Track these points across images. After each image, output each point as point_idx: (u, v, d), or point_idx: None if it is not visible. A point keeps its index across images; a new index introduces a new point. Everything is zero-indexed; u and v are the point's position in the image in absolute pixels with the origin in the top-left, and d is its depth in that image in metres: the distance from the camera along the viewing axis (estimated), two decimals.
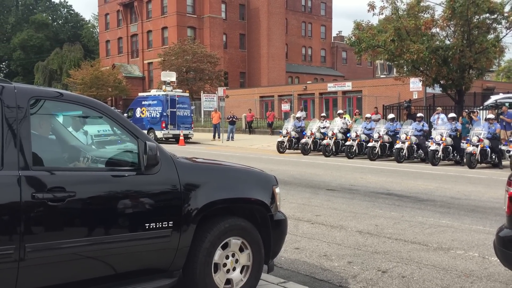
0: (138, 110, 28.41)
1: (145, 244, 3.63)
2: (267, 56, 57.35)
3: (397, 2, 21.64)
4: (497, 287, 4.96)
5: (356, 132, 18.87)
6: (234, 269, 4.16)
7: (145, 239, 3.63)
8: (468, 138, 16.11)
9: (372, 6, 21.61)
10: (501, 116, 18.11)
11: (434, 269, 5.48)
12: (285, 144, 21.01)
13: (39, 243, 3.16)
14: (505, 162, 15.50)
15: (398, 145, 17.34)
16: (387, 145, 18.45)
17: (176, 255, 3.79)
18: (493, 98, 26.87)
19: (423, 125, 18.14)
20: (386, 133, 18.52)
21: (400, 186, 11.56)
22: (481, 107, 22.92)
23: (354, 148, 18.69)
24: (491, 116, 16.73)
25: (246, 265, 4.24)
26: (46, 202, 3.19)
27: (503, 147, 15.78)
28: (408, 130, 17.76)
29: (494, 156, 15.79)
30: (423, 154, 17.46)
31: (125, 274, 3.65)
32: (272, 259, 4.61)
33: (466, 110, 19.89)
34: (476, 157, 15.52)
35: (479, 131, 15.90)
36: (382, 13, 22.32)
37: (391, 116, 20.64)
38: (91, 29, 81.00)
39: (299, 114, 29.13)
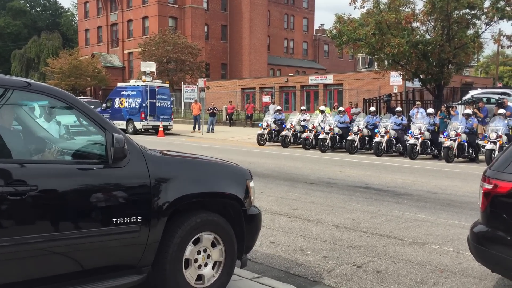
0: (117, 100, 28.00)
1: (112, 239, 3.51)
2: (249, 48, 57.09)
3: None
4: (471, 282, 4.96)
5: (329, 125, 18.92)
6: (206, 264, 4.07)
7: (113, 234, 3.51)
8: (446, 132, 16.24)
9: (353, 0, 21.59)
10: (475, 110, 18.31)
11: (409, 264, 5.47)
12: (265, 136, 21.00)
13: None
14: (482, 157, 15.68)
15: (377, 139, 17.41)
16: (367, 138, 18.52)
17: (145, 251, 3.68)
18: (471, 93, 27.22)
19: (402, 119, 18.25)
20: (366, 127, 18.58)
21: (378, 180, 11.59)
22: (459, 102, 23.15)
23: (327, 142, 18.76)
24: (469, 111, 16.89)
25: (219, 260, 4.15)
26: (5, 196, 3.05)
27: (480, 142, 15.96)
28: (387, 124, 17.84)
29: (471, 151, 15.97)
30: (401, 148, 17.57)
31: (92, 271, 3.53)
32: (245, 254, 4.53)
33: (445, 105, 20.06)
34: (454, 151, 15.67)
35: (457, 126, 16.04)
36: (363, 7, 22.35)
37: (372, 108, 20.74)
38: (70, 18, 79.58)
39: (272, 107, 29.13)
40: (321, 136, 18.80)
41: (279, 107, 23.64)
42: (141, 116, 26.59)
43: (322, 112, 21.31)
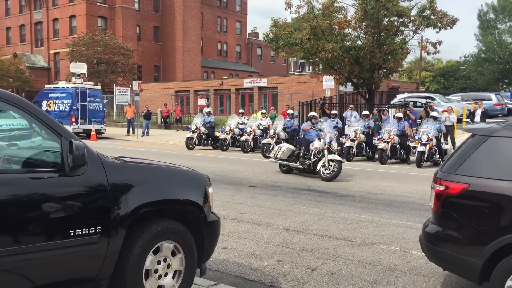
0: (45, 103, 26.60)
1: (69, 252, 3.31)
2: (182, 50, 56.45)
3: (313, 1, 22.18)
4: (421, 280, 5.15)
5: (274, 130, 18.99)
6: (166, 274, 3.94)
7: (70, 247, 3.30)
8: (380, 135, 16.89)
9: (289, 5, 21.96)
10: (407, 112, 19.20)
11: (361, 265, 5.59)
12: (194, 140, 20.26)
13: None
14: (412, 158, 16.44)
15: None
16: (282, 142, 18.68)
17: (104, 263, 3.50)
18: (398, 97, 28.58)
19: (337, 122, 18.65)
20: (284, 130, 18.92)
21: (320, 182, 11.81)
22: (388, 105, 24.20)
23: (272, 146, 18.75)
24: (400, 114, 17.66)
25: (179, 269, 4.03)
26: None
27: (410, 144, 16.73)
28: (324, 127, 18.13)
29: (403, 152, 16.70)
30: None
31: (45, 287, 3.29)
32: (204, 262, 4.42)
33: (377, 108, 20.87)
34: (387, 153, 16.32)
35: (390, 129, 16.73)
36: (298, 12, 22.77)
37: (312, 113, 20.89)
38: None
39: (206, 109, 28.83)
40: (264, 140, 18.67)
41: (208, 109, 22.45)
42: (71, 119, 25.45)
43: (263, 114, 21.41)
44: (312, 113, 15.23)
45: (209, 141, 20.76)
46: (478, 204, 4.17)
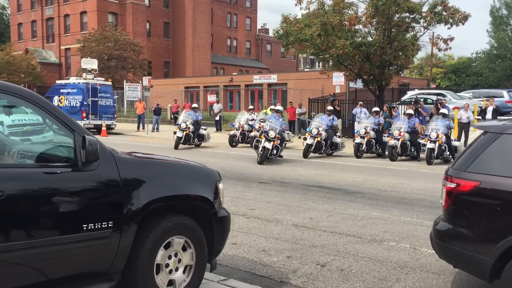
0: (56, 98, 26.80)
1: (82, 246, 3.35)
2: (192, 46, 56.48)
3: None
4: (431, 278, 5.14)
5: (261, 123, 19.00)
6: (176, 269, 3.97)
7: (83, 241, 3.35)
8: (390, 131, 16.80)
9: (299, 1, 21.91)
10: (419, 109, 19.07)
11: (371, 261, 5.59)
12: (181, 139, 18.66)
13: None
14: (422, 155, 16.35)
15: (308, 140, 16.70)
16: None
17: (116, 257, 3.54)
18: (409, 94, 28.41)
19: (333, 119, 17.89)
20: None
21: (329, 178, 11.80)
22: (399, 102, 24.07)
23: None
24: (410, 111, 17.55)
25: (189, 264, 4.06)
26: None
27: (420, 141, 16.63)
28: (319, 125, 17.28)
29: (413, 149, 16.60)
30: (329, 150, 17.18)
31: (58, 280, 3.35)
32: (215, 258, 4.45)
33: (387, 105, 20.77)
34: (397, 150, 16.25)
35: (400, 125, 16.64)
36: (308, 8, 22.72)
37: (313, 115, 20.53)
38: (1, 11, 75.27)
39: (216, 106, 28.81)
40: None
41: (194, 104, 20.96)
42: (82, 115, 25.62)
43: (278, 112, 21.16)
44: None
45: (195, 139, 19.03)
46: (489, 201, 4.15)
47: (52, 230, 3.24)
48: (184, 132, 18.63)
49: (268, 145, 14.28)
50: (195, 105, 20.55)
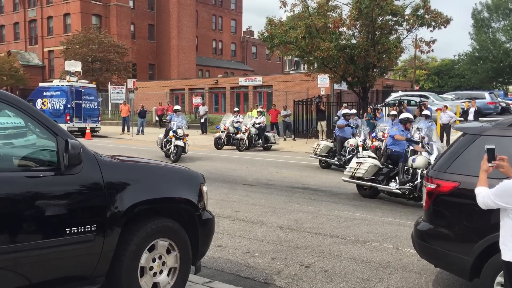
0: (39, 101, 26.50)
1: (65, 250, 3.35)
2: (177, 48, 56.32)
3: (308, 0, 22.22)
4: (413, 277, 5.22)
5: (245, 126, 19.59)
6: (161, 272, 3.99)
7: (66, 245, 3.34)
8: (374, 133, 16.93)
9: (284, 3, 21.98)
10: (403, 110, 19.24)
11: (354, 262, 5.66)
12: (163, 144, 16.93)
13: None
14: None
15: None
16: (254, 136, 19.76)
17: (99, 261, 3.54)
18: (393, 96, 28.68)
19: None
20: (253, 126, 19.91)
21: (314, 180, 11.88)
22: (383, 104, 24.28)
23: (244, 141, 19.32)
24: (394, 112, 17.68)
25: (174, 267, 4.08)
26: None
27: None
28: (360, 124, 17.38)
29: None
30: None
31: (41, 284, 3.33)
32: (199, 260, 4.47)
33: (371, 107, 20.94)
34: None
35: (384, 127, 16.78)
36: (293, 10, 22.81)
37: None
38: None
39: (202, 108, 28.80)
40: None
41: (178, 107, 18.58)
42: (66, 118, 25.35)
43: (259, 113, 21.36)
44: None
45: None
46: (468, 202, 4.20)
47: (34, 234, 3.23)
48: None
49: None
50: (177, 107, 18.33)
